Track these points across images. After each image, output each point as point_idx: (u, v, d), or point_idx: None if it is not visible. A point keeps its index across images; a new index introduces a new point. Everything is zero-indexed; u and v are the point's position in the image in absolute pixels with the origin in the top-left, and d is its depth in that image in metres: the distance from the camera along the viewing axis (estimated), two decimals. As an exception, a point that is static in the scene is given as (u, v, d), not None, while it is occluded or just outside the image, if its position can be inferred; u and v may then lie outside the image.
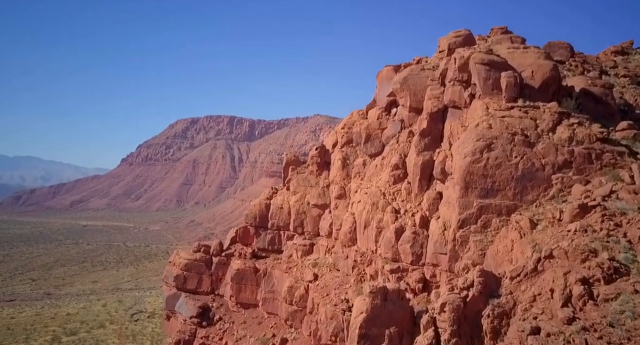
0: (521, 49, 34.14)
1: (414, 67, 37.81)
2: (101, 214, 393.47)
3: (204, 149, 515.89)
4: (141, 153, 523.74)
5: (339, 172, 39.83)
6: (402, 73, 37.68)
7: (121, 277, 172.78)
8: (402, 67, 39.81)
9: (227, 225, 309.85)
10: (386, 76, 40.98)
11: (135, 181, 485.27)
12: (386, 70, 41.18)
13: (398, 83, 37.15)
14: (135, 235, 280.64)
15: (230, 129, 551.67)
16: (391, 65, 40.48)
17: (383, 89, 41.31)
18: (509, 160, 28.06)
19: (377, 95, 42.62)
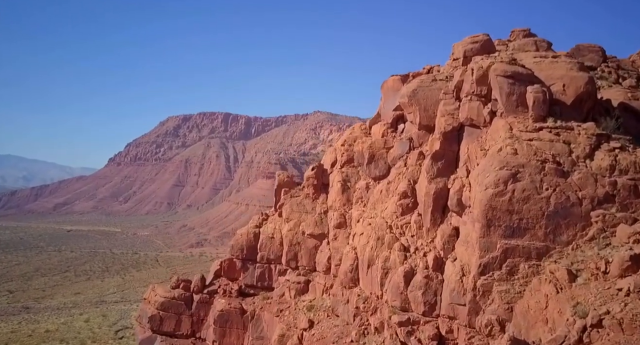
0: (550, 58, 31.15)
1: (424, 78, 34.90)
2: (87, 217, 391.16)
3: (196, 148, 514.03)
4: (130, 152, 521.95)
5: (338, 196, 36.91)
6: (411, 84, 34.77)
7: (106, 288, 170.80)
8: (410, 77, 36.90)
9: (221, 230, 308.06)
10: (392, 87, 38.07)
11: (124, 182, 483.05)
12: (392, 81, 38.24)
13: (406, 96, 34.24)
14: (123, 241, 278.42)
15: (225, 126, 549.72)
16: (398, 75, 37.57)
17: (388, 102, 38.42)
18: (539, 193, 25.13)
19: (382, 109, 39.70)
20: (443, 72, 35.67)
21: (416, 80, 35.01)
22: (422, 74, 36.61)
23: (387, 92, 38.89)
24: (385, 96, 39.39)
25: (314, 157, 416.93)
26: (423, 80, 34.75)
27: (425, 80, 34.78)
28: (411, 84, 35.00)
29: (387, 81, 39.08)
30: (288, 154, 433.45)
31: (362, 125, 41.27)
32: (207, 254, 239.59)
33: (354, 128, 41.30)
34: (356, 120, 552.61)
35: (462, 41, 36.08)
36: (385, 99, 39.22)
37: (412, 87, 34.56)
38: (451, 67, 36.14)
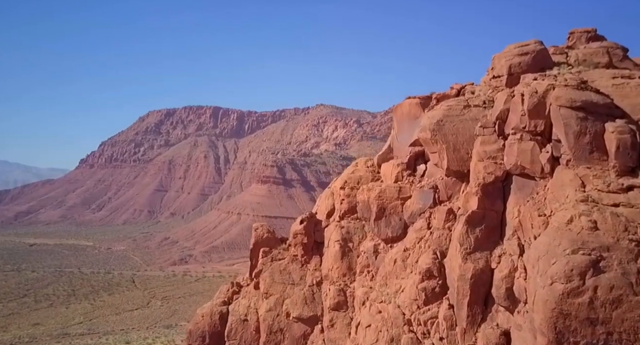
0: (637, 78, 25.10)
1: (454, 104, 28.98)
2: (53, 229, 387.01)
3: (181, 147, 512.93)
4: (104, 152, 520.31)
5: (336, 262, 30.94)
6: (435, 113, 28.88)
7: (71, 317, 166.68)
8: (433, 101, 30.98)
9: (209, 244, 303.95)
10: (408, 114, 32.13)
11: (97, 187, 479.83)
12: (408, 105, 32.25)
13: (428, 129, 28.34)
14: (94, 258, 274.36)
15: (214, 122, 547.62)
16: (416, 97, 31.62)
17: (404, 133, 32.54)
18: (636, 292, 19.16)
19: (395, 141, 33.76)
20: (479, 95, 29.65)
21: (442, 107, 29.06)
22: (450, 97, 30.64)
23: (402, 119, 32.91)
24: (398, 125, 33.39)
25: (316, 158, 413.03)
26: (451, 106, 28.78)
27: (454, 107, 28.82)
28: (435, 112, 29.06)
29: (402, 105, 33.06)
30: (287, 155, 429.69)
31: (368, 161, 35.35)
32: (191, 273, 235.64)
33: (357, 164, 35.37)
34: (365, 114, 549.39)
35: (505, 51, 30.05)
36: (399, 128, 33.23)
37: (436, 116, 28.62)
38: (490, 87, 30.14)
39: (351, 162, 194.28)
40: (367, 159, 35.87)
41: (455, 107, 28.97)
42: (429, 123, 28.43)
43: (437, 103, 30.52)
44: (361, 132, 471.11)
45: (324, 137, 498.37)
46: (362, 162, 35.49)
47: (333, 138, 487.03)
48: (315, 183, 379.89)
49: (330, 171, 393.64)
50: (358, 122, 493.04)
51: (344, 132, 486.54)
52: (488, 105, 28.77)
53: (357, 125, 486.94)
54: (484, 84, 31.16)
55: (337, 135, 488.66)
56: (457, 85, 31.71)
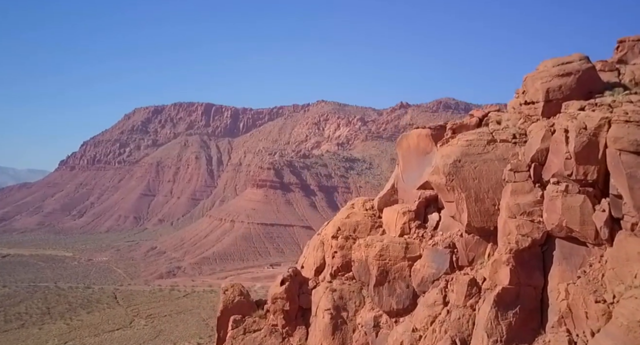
0: None
1: (475, 138, 24.40)
2: (30, 237, 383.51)
3: (171, 147, 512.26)
4: (87, 153, 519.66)
5: (326, 338, 26.23)
6: (451, 150, 24.30)
7: (44, 340, 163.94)
8: (448, 132, 26.34)
9: (199, 254, 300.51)
10: (417, 148, 27.46)
11: (78, 191, 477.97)
12: (417, 137, 27.51)
13: (442, 173, 23.78)
14: (73, 271, 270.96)
15: (207, 120, 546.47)
16: (426, 128, 26.93)
17: (411, 172, 27.93)
18: None
19: (400, 181, 29.11)
20: (507, 127, 25.02)
21: (459, 142, 24.44)
22: (470, 128, 26.00)
23: (409, 154, 28.24)
24: (404, 160, 28.71)
25: (316, 159, 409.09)
26: (472, 142, 24.16)
27: (475, 142, 24.20)
28: (451, 148, 24.44)
29: (408, 137, 28.33)
30: (285, 156, 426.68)
31: (366, 203, 30.61)
32: (180, 287, 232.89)
33: (353, 206, 30.66)
34: (370, 111, 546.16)
35: (540, 70, 25.39)
36: (405, 165, 28.55)
37: (452, 154, 23.99)
38: (521, 116, 25.55)
39: (355, 163, 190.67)
40: (366, 200, 31.11)
41: (477, 142, 24.32)
42: (444, 164, 23.75)
43: (453, 135, 25.86)
44: (366, 131, 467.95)
45: (326, 136, 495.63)
46: (360, 204, 30.75)
47: (335, 137, 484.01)
48: (316, 187, 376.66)
49: (332, 174, 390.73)
50: (362, 120, 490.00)
51: (347, 131, 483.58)
52: (519, 140, 24.12)
53: (361, 124, 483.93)
54: (513, 110, 26.50)
55: (339, 134, 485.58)
56: (477, 112, 27.02)
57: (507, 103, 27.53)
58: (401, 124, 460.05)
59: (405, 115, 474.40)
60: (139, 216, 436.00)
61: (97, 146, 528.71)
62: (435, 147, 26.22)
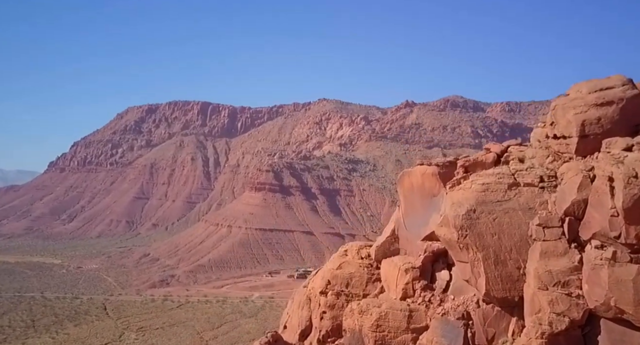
0: None
1: (493, 181, 20.83)
2: (16, 243, 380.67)
3: (165, 148, 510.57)
4: (77, 154, 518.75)
5: None
6: (463, 196, 20.77)
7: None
8: (459, 170, 22.67)
9: (195, 262, 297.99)
10: (421, 188, 23.79)
11: (68, 194, 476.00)
12: (421, 176, 23.80)
13: (454, 226, 20.19)
14: (61, 280, 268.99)
15: (203, 119, 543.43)
16: (432, 164, 23.21)
17: (414, 217, 24.32)
18: None
19: (402, 227, 25.46)
20: (533, 167, 21.38)
21: (474, 185, 20.84)
22: (486, 166, 22.33)
23: (411, 195, 24.53)
24: (406, 202, 24.99)
25: (318, 161, 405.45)
26: (489, 185, 20.53)
27: (494, 186, 20.59)
28: (463, 193, 20.83)
29: (411, 174, 24.57)
30: (284, 157, 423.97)
31: (362, 249, 26.94)
32: (173, 297, 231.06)
33: (346, 253, 26.97)
34: (374, 110, 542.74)
35: (572, 97, 21.72)
36: (408, 207, 24.84)
37: (465, 202, 20.36)
38: (550, 152, 21.88)
39: (358, 165, 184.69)
40: (361, 246, 27.39)
41: (496, 186, 20.65)
42: (454, 215, 20.07)
43: (466, 175, 22.15)
44: (369, 131, 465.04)
45: (327, 136, 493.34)
46: (354, 250, 27.04)
47: (337, 137, 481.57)
48: (317, 190, 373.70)
49: (334, 176, 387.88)
50: (366, 120, 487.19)
51: (350, 130, 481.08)
52: (548, 184, 20.47)
53: (364, 123, 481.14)
54: (539, 144, 22.79)
55: (342, 134, 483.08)
56: (495, 146, 23.28)
57: (531, 134, 23.79)
58: (407, 124, 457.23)
59: (411, 114, 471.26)
60: (132, 220, 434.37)
61: (88, 147, 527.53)
62: (443, 189, 22.53)
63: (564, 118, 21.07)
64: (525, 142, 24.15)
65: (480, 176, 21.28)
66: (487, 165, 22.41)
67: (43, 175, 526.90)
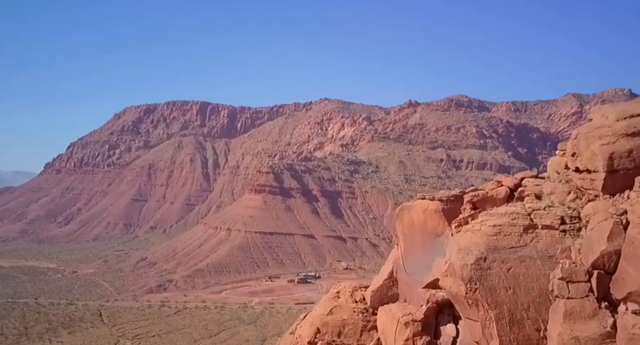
0: None
1: (506, 222, 18.31)
2: (11, 247, 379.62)
3: (164, 149, 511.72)
4: (74, 155, 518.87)
5: None
6: (472, 241, 18.34)
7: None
8: (466, 207, 20.03)
9: (193, 266, 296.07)
10: (423, 226, 21.05)
11: (65, 196, 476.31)
12: (422, 212, 20.99)
13: (461, 278, 17.72)
14: (56, 285, 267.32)
15: (202, 119, 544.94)
16: (435, 201, 20.38)
17: (415, 258, 21.67)
18: None
19: (401, 270, 22.75)
20: (553, 206, 18.73)
21: (485, 229, 18.26)
22: (497, 202, 19.68)
23: (412, 233, 21.82)
24: (406, 241, 22.27)
25: (319, 162, 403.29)
26: (501, 228, 18.00)
27: (507, 228, 18.05)
28: (472, 238, 18.26)
29: (412, 210, 21.82)
30: (285, 158, 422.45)
31: (356, 292, 24.16)
32: (170, 303, 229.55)
33: (338, 295, 24.23)
34: (376, 110, 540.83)
35: (598, 122, 19.13)
36: (408, 247, 22.15)
37: (474, 249, 17.80)
38: (572, 188, 19.21)
39: (360, 167, 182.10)
40: (355, 288, 24.56)
41: (510, 228, 18.02)
42: (462, 264, 17.45)
43: (474, 212, 19.51)
44: (372, 131, 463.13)
45: (329, 136, 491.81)
46: (347, 293, 24.25)
47: (339, 138, 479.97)
48: (318, 192, 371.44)
49: (336, 178, 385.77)
50: (368, 120, 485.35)
51: (351, 131, 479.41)
52: (571, 227, 17.82)
53: (367, 123, 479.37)
54: (557, 176, 20.14)
55: (343, 134, 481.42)
56: (507, 180, 20.59)
57: (548, 163, 21.12)
58: (410, 124, 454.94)
59: (415, 114, 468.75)
60: (130, 223, 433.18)
61: (85, 148, 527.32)
62: (448, 228, 19.88)
63: (588, 149, 18.39)
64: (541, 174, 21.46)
65: (491, 216, 18.66)
66: (499, 202, 19.73)
67: (39, 177, 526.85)
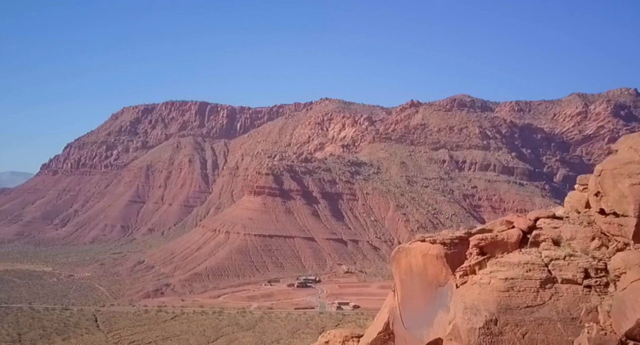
0: None
1: (518, 274, 16.05)
2: (7, 249, 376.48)
3: (162, 149, 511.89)
4: (71, 156, 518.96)
5: None
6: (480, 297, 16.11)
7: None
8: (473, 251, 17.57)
9: (191, 270, 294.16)
10: (422, 273, 18.49)
11: (61, 198, 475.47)
12: (422, 258, 18.40)
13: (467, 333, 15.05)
14: (51, 289, 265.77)
15: (201, 120, 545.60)
16: (437, 244, 17.86)
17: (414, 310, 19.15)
18: None
19: (398, 323, 20.18)
20: (574, 256, 16.24)
21: (495, 283, 15.93)
22: (508, 247, 17.27)
23: (410, 281, 19.30)
24: (404, 289, 19.71)
25: (319, 164, 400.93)
26: (514, 282, 15.71)
27: (520, 282, 15.78)
28: (480, 293, 15.88)
29: (410, 254, 19.30)
30: (285, 159, 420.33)
31: (347, 341, 21.69)
32: (167, 308, 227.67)
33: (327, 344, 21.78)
34: (378, 110, 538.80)
35: (626, 157, 16.70)
36: (406, 296, 19.60)
37: (482, 308, 15.43)
38: (595, 233, 16.73)
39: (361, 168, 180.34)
40: (347, 337, 22.03)
41: (524, 282, 15.60)
42: (468, 327, 15.00)
43: (482, 260, 17.01)
44: (373, 132, 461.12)
45: (330, 137, 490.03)
46: (337, 340, 21.79)
47: (340, 138, 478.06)
48: (319, 194, 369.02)
49: (337, 179, 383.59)
50: (370, 120, 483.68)
51: (352, 131, 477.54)
52: (597, 282, 15.32)
53: (368, 124, 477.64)
54: (578, 217, 17.61)
55: (344, 135, 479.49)
56: (520, 220, 18.05)
57: (566, 198, 18.57)
58: (412, 124, 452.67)
59: (417, 114, 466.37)
60: (127, 225, 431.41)
61: (82, 148, 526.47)
62: (452, 277, 17.36)
63: (615, 189, 15.86)
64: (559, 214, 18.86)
65: (502, 266, 16.17)
66: (510, 247, 17.20)
67: (35, 178, 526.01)
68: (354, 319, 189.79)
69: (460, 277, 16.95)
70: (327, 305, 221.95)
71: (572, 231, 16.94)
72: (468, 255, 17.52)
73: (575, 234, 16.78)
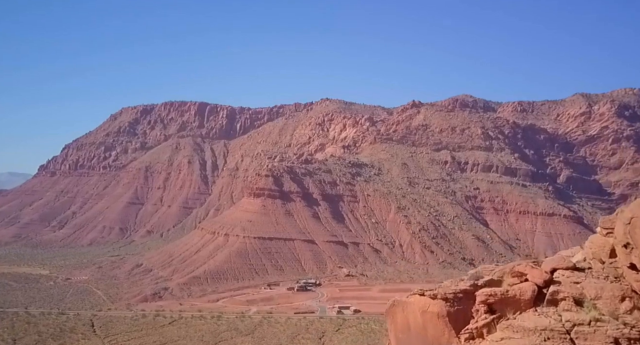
0: None
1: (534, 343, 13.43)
2: (3, 252, 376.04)
3: (161, 150, 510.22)
4: (69, 157, 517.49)
5: None
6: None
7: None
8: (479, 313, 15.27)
9: (189, 273, 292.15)
10: (421, 334, 16.35)
11: (59, 199, 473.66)
12: (421, 314, 16.17)
13: None
14: (48, 293, 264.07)
15: (200, 120, 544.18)
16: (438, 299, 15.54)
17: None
18: None
19: None
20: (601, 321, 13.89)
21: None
22: (519, 303, 14.93)
23: (407, 340, 17.01)
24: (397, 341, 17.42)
25: (320, 165, 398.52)
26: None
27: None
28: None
29: (407, 309, 17.00)
30: (285, 160, 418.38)
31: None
32: (165, 312, 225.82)
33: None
34: (379, 110, 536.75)
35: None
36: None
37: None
38: (623, 289, 14.35)
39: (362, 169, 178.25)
40: None
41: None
42: None
43: (491, 320, 14.63)
44: (374, 133, 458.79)
45: (330, 138, 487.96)
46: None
47: (341, 139, 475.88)
48: (319, 196, 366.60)
49: (337, 181, 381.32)
50: (371, 120, 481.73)
51: (353, 132, 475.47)
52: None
53: (369, 124, 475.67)
54: (603, 270, 15.21)
55: (345, 136, 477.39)
56: (534, 272, 15.58)
57: (586, 243, 16.14)
58: (413, 125, 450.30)
59: (418, 115, 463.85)
60: (126, 227, 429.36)
61: (80, 149, 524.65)
62: (455, 340, 14.99)
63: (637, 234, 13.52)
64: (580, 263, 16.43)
65: (516, 332, 13.80)
66: (524, 305, 14.78)
67: (33, 180, 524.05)
68: (355, 323, 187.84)
69: (465, 341, 14.57)
70: (327, 309, 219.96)
71: (597, 288, 14.51)
72: (474, 312, 15.14)
73: (601, 292, 14.35)
